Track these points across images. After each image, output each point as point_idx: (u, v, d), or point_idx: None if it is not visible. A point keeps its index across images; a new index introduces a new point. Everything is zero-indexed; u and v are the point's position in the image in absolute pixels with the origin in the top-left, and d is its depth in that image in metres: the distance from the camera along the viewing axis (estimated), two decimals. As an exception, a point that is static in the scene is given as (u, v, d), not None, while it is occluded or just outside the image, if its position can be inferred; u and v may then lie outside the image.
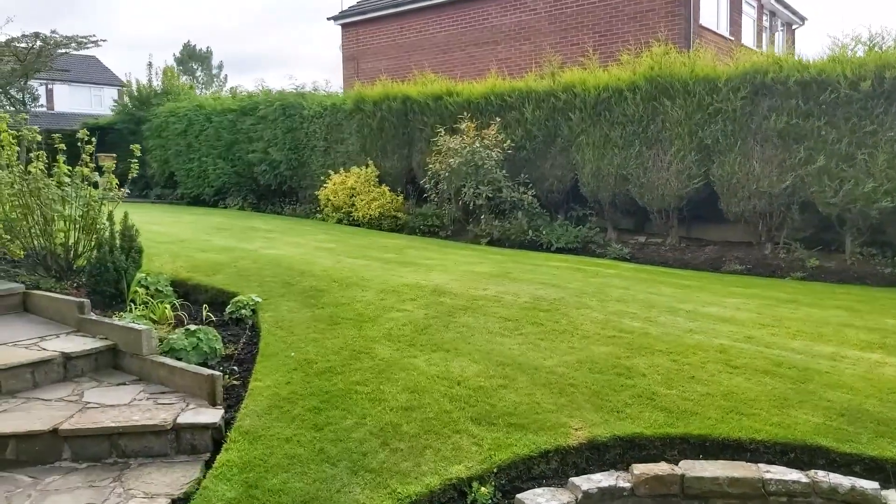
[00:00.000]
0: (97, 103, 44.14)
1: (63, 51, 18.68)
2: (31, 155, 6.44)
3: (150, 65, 18.75)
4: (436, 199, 11.81)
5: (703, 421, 3.86)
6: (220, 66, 64.36)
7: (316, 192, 14.19)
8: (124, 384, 4.68)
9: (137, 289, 6.15)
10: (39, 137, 6.55)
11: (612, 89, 10.60)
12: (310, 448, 3.59)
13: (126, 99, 19.49)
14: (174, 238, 8.74)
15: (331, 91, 16.55)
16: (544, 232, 10.80)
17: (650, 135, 10.33)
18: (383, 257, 8.30)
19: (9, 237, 6.66)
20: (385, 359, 4.67)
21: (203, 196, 16.80)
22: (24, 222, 6.34)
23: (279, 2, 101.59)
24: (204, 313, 5.95)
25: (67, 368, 4.75)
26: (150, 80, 18.85)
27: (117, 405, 4.25)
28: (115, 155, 12.79)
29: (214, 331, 5.17)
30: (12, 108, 18.50)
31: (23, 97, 18.44)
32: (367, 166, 13.53)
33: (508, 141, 11.18)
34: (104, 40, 18.23)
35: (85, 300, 5.43)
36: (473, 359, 4.66)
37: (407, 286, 6.46)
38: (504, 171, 11.11)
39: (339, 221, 13.33)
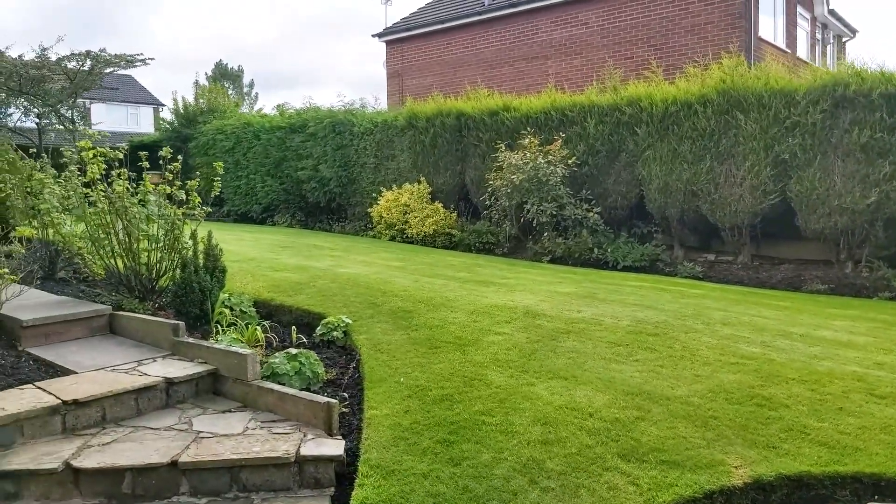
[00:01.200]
0: (133, 122, 44.80)
1: (110, 69, 18.84)
2: (113, 173, 6.34)
3: (196, 83, 18.89)
4: (496, 217, 11.57)
5: (871, 458, 3.55)
6: (251, 85, 65.02)
7: (368, 210, 14.07)
8: (230, 411, 4.48)
9: (223, 310, 5.99)
10: (122, 155, 6.45)
11: (681, 103, 10.32)
12: (452, 486, 3.34)
13: (171, 116, 19.59)
14: (242, 256, 8.60)
15: (377, 108, 16.49)
16: (609, 250, 10.51)
17: (722, 149, 10.02)
18: (457, 276, 8.07)
19: (91, 257, 6.56)
20: (501, 386, 4.42)
21: (251, 213, 16.77)
22: (107, 241, 6.22)
23: (307, 19, 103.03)
24: (293, 335, 5.76)
25: (169, 394, 4.57)
26: (196, 98, 18.94)
27: (231, 435, 4.04)
28: (159, 173, 12.80)
29: (315, 354, 4.98)
30: (61, 127, 18.70)
31: (72, 116, 18.59)
32: (419, 183, 13.38)
33: (573, 157, 10.93)
34: (152, 58, 18.35)
35: (180, 322, 5.27)
36: (596, 388, 4.39)
37: (496, 307, 6.22)
38: (567, 188, 10.86)
39: (393, 238, 13.17)
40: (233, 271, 7.45)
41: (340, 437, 4.02)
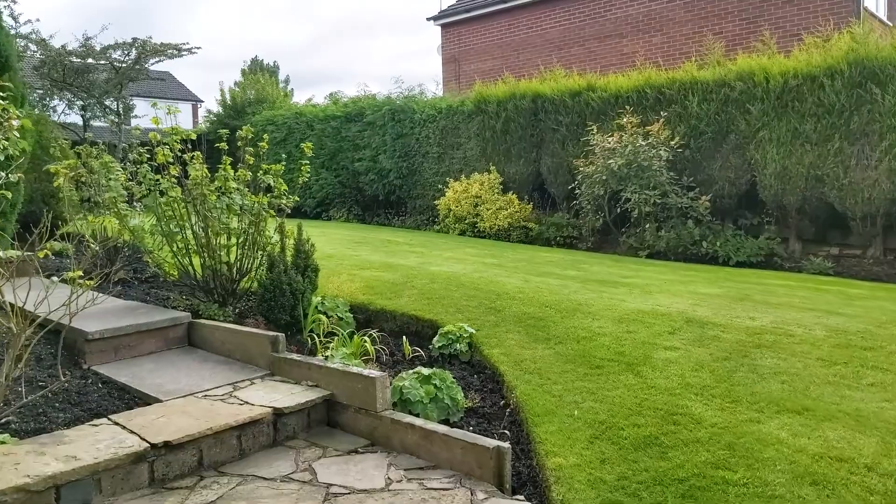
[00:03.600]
0: (171, 118, 44.38)
1: (156, 59, 18.11)
2: (185, 157, 5.42)
3: (244, 72, 18.04)
4: (587, 206, 10.42)
5: None
6: (287, 81, 64.53)
7: (433, 202, 13.05)
8: (357, 452, 3.47)
9: (319, 316, 5.01)
10: (194, 136, 5.52)
11: (804, 76, 9.06)
12: (730, 588, 2.27)
13: (218, 108, 18.81)
14: (320, 253, 7.57)
15: (437, 94, 15.45)
16: (718, 243, 9.32)
17: (854, 128, 8.74)
18: (566, 274, 7.00)
19: (162, 254, 5.64)
20: (717, 424, 3.33)
21: (304, 208, 15.83)
22: (180, 235, 5.29)
23: (336, 20, 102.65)
24: (406, 348, 4.76)
25: (277, 428, 3.58)
26: (244, 89, 18.11)
27: (372, 490, 3.02)
28: (208, 165, 11.98)
29: (450, 375, 3.95)
30: (106, 121, 18.03)
31: (117, 108, 17.90)
32: (488, 172, 12.30)
33: (677, 138, 9.73)
34: (198, 47, 17.57)
35: (279, 334, 4.27)
36: (848, 426, 3.28)
37: (644, 313, 5.12)
38: (671, 174, 9.70)
39: (462, 233, 12.12)
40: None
41: (523, 498, 2.98)
